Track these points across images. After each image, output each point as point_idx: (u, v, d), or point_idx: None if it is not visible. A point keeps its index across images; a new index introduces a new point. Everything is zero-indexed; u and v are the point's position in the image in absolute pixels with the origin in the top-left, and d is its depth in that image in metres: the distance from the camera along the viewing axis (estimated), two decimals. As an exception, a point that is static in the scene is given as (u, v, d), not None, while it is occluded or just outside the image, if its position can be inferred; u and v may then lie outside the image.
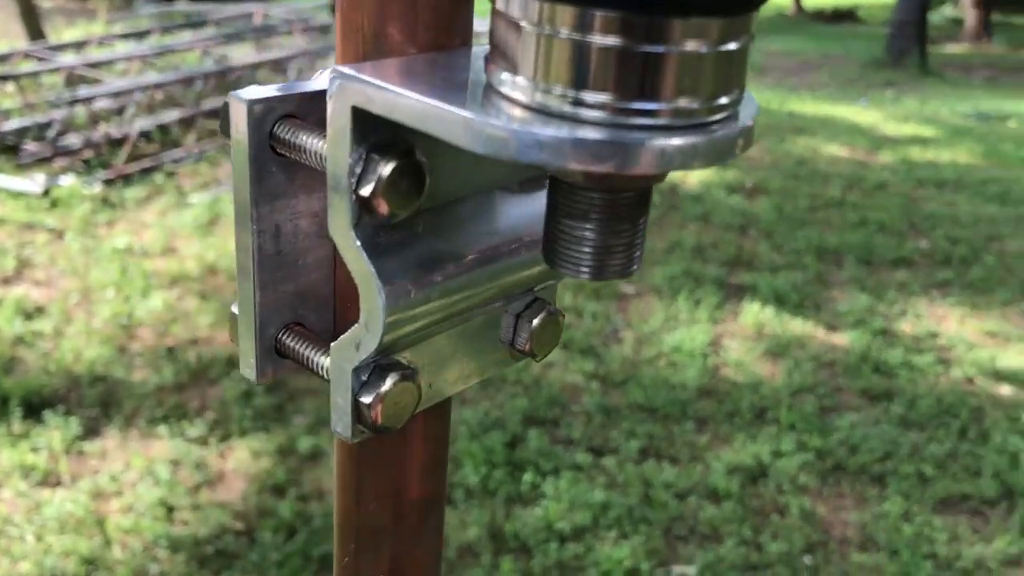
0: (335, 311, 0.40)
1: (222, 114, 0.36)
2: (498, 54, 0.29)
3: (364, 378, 0.35)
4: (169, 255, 3.55)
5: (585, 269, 0.31)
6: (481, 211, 0.37)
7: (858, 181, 4.93)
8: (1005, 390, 2.90)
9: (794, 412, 2.70)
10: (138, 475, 2.32)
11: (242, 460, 2.40)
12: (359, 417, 0.35)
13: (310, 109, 0.35)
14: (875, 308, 3.40)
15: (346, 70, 0.30)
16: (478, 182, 0.37)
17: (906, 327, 3.28)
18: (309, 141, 0.34)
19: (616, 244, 0.31)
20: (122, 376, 2.73)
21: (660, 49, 0.26)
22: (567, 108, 0.27)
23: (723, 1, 0.26)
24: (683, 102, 0.27)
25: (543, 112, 0.27)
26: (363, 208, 0.32)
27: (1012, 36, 14.48)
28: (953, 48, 13.54)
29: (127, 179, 4.24)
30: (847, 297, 3.48)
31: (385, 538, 0.43)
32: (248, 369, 0.39)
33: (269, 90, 0.35)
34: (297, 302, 0.38)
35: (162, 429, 2.50)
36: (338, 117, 0.31)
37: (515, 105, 0.28)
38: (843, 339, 3.17)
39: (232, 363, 2.82)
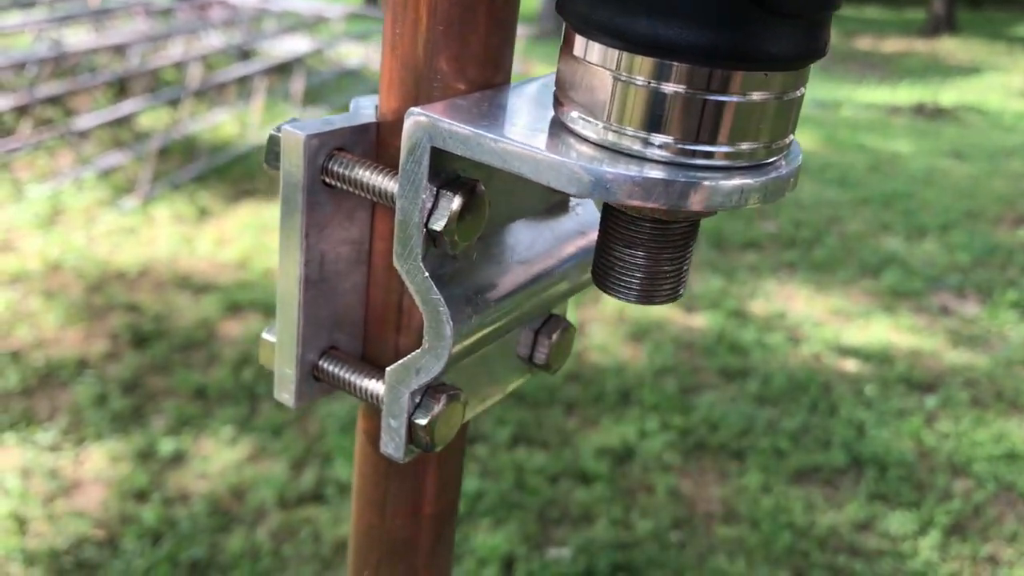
0: (365, 335, 0.41)
1: (268, 145, 0.36)
2: (569, 95, 0.30)
3: (418, 401, 0.36)
4: (7, 252, 3.35)
5: (635, 293, 0.33)
6: (518, 237, 0.39)
7: (707, 167, 5.10)
8: (850, 365, 3.07)
9: (657, 393, 2.78)
10: (-15, 487, 2.19)
11: (99, 466, 2.29)
12: (411, 438, 0.36)
13: (356, 141, 0.36)
14: (728, 290, 3.53)
15: (424, 112, 0.31)
16: (516, 209, 0.38)
17: (757, 308, 3.42)
18: (368, 176, 0.35)
19: (667, 270, 0.32)
20: (-39, 382, 2.56)
21: (723, 98, 0.28)
22: (636, 148, 0.29)
23: (785, 56, 0.27)
24: (744, 146, 0.29)
25: (613, 151, 0.29)
26: (432, 241, 0.33)
27: (842, 26, 15.28)
28: (789, 37, 14.17)
29: (-43, 171, 3.98)
30: (702, 280, 3.61)
31: (405, 551, 0.44)
32: (286, 395, 0.40)
33: (320, 124, 0.35)
34: (333, 327, 0.39)
35: (9, 437, 2.36)
36: (414, 156, 0.32)
37: (585, 143, 0.29)
38: (700, 321, 3.28)
39: (84, 364, 2.69)
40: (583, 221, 0.41)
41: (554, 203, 0.41)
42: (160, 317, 2.98)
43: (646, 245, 0.32)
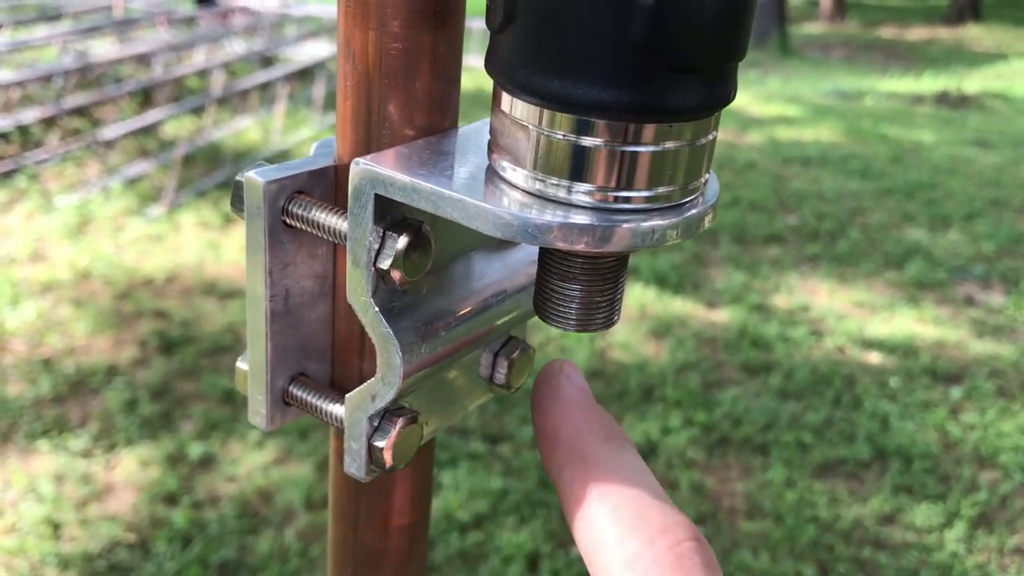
0: (333, 361, 0.43)
1: (234, 191, 0.39)
2: (500, 146, 0.32)
3: (376, 424, 0.38)
4: (38, 261, 3.41)
5: (572, 322, 0.35)
6: (469, 269, 0.41)
7: (728, 161, 5.09)
8: (874, 357, 3.06)
9: (680, 389, 2.79)
10: (19, 493, 2.23)
11: (130, 470, 2.34)
12: (372, 459, 0.38)
13: (315, 184, 0.38)
14: (750, 284, 3.53)
15: (367, 162, 0.33)
16: (466, 244, 0.41)
17: (780, 301, 3.42)
18: (324, 217, 0.37)
19: (599, 301, 0.35)
20: (-5, 391, 2.61)
21: (638, 149, 0.30)
22: (561, 195, 0.31)
23: (691, 108, 0.29)
24: (660, 190, 0.31)
25: (540, 198, 0.31)
26: (380, 279, 0.35)
27: (865, 15, 15.16)
28: (811, 28, 14.07)
29: (-13, 183, 4.05)
30: (724, 275, 3.61)
31: (378, 561, 0.46)
32: (258, 418, 0.42)
33: (279, 170, 0.38)
34: (301, 355, 0.42)
35: (43, 444, 2.41)
36: (360, 203, 0.34)
37: (516, 190, 0.32)
38: (722, 316, 3.29)
39: (114, 371, 2.73)
40: (534, 251, 0.43)
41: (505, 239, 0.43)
42: (188, 323, 3.03)
43: (578, 279, 0.34)
